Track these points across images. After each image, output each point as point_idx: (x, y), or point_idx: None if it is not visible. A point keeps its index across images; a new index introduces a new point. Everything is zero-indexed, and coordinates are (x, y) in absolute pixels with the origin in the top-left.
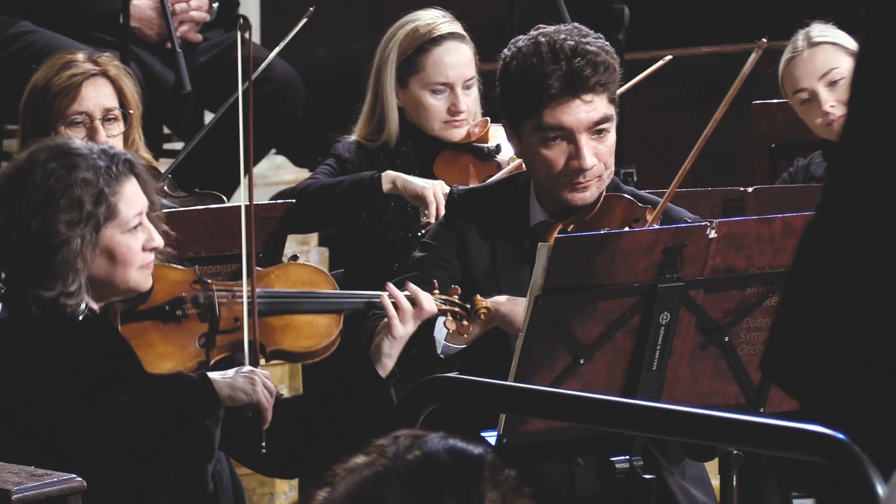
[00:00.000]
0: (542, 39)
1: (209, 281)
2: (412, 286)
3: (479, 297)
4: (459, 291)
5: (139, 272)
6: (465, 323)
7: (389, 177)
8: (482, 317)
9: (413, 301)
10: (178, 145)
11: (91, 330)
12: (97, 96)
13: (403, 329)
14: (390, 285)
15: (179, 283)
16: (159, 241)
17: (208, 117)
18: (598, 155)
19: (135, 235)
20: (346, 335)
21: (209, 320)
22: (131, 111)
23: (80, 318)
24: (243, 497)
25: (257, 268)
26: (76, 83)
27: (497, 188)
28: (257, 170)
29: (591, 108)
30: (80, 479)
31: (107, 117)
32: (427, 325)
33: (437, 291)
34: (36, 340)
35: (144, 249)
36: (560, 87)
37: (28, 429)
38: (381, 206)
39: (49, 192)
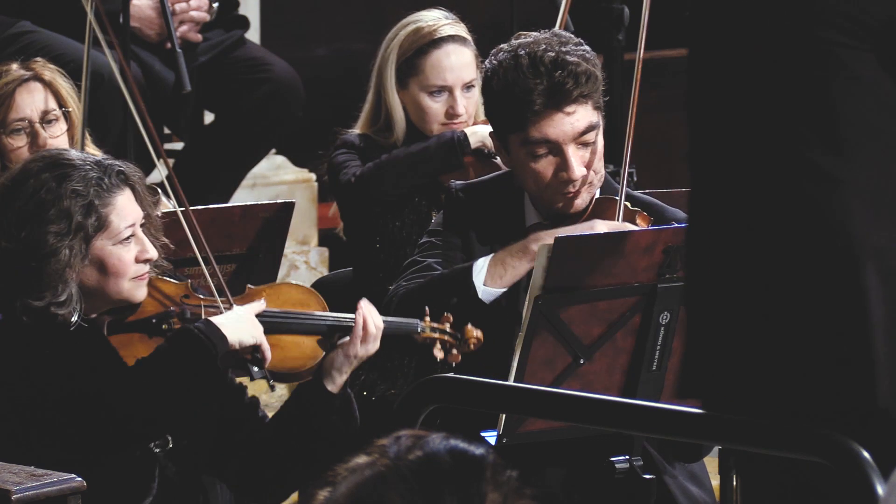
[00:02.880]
0: (522, 52)
1: (200, 296)
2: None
3: (469, 326)
4: (451, 319)
5: (132, 283)
6: (454, 352)
7: (478, 136)
8: (472, 347)
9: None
10: (179, 145)
11: (81, 339)
12: (33, 101)
13: (363, 349)
14: (364, 304)
15: (170, 297)
16: (153, 253)
17: (209, 117)
18: (587, 163)
19: (127, 247)
20: None
21: None
22: (70, 109)
23: (72, 327)
24: None
25: (249, 285)
26: (9, 91)
27: (495, 184)
28: (257, 169)
29: (576, 118)
30: (79, 479)
31: (46, 119)
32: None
33: (427, 318)
34: (26, 345)
35: (138, 261)
36: (543, 102)
37: (26, 429)
38: (401, 203)
39: (39, 204)
